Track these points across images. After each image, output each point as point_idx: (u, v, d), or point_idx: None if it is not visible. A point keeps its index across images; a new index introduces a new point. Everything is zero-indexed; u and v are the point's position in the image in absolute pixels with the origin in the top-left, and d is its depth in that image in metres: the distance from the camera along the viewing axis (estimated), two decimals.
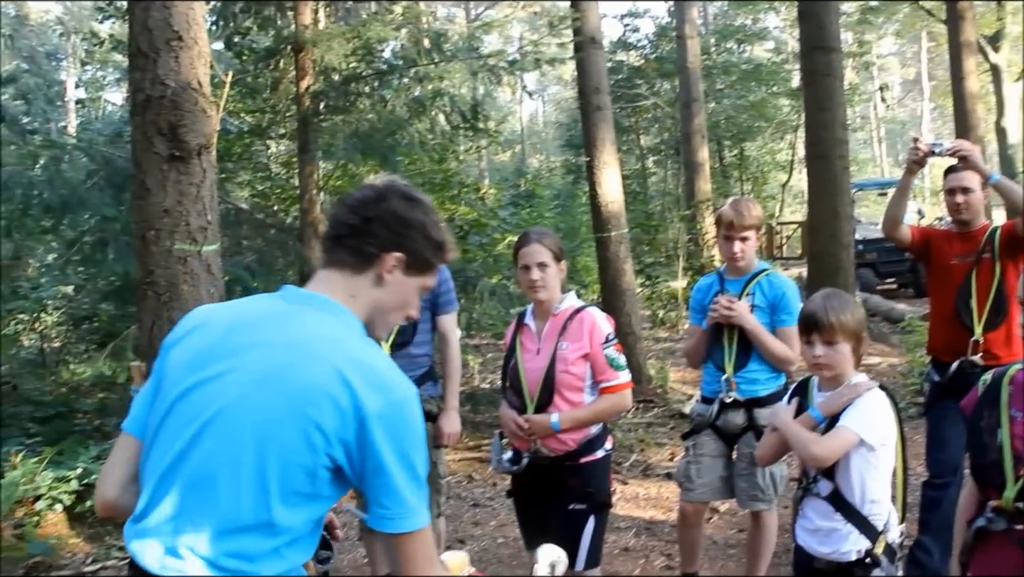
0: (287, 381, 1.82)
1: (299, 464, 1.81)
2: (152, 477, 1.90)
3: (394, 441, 1.82)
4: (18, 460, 6.60)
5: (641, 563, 5.39)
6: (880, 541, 2.96)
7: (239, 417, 1.83)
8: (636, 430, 7.92)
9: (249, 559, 1.80)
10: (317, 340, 1.88)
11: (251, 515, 1.80)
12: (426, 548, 1.90)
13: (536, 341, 3.70)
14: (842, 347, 2.96)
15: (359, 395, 1.80)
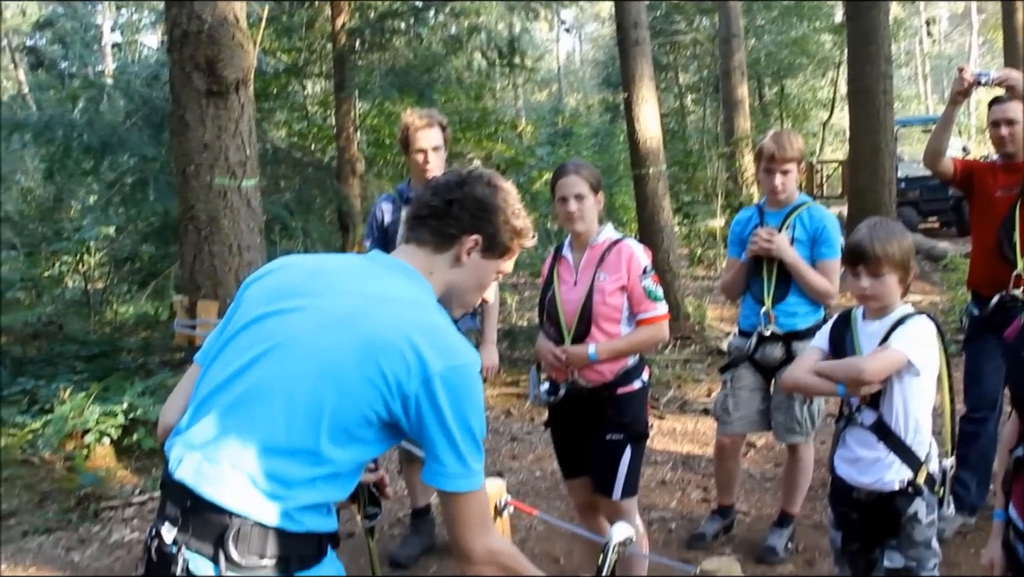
0: (361, 326, 1.87)
1: (356, 406, 1.84)
2: (203, 392, 1.94)
3: (455, 404, 1.86)
4: (66, 395, 6.75)
5: (678, 496, 5.43)
6: (922, 471, 2.95)
7: (306, 348, 1.87)
8: (673, 366, 7.93)
9: (286, 484, 1.83)
10: (395, 298, 1.95)
11: (298, 440, 1.83)
12: (481, 510, 1.94)
13: (573, 273, 3.69)
14: (888, 278, 2.93)
15: (426, 355, 1.84)
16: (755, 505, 5.22)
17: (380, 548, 4.71)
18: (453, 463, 1.88)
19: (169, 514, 1.87)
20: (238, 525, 1.80)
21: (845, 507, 3.10)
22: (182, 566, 1.81)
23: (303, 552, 1.86)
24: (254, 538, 1.80)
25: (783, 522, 4.64)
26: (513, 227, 2.10)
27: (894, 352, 2.88)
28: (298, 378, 1.85)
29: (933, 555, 2.99)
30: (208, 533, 1.81)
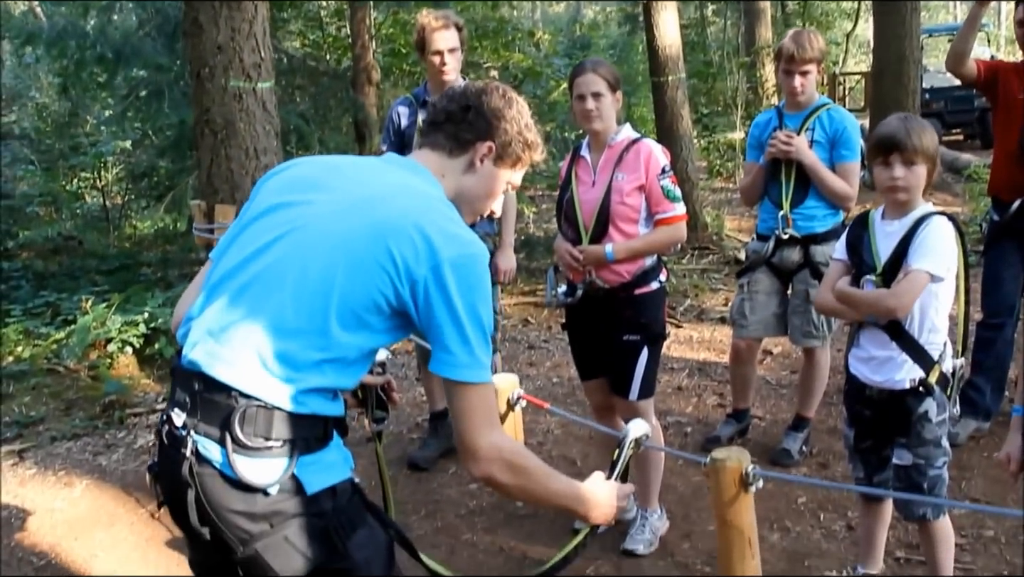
0: (373, 212, 1.89)
1: (366, 289, 1.85)
2: (215, 278, 1.96)
3: (464, 291, 1.86)
4: (88, 306, 6.84)
5: (694, 401, 5.48)
6: (934, 371, 2.96)
7: (319, 233, 1.89)
8: (691, 276, 7.92)
9: (294, 365, 1.84)
10: (408, 190, 1.98)
11: (307, 321, 1.84)
12: (487, 404, 1.93)
13: (591, 173, 3.67)
14: (919, 169, 2.89)
15: (435, 241, 1.85)
16: (770, 411, 5.26)
17: (400, 451, 4.78)
18: (461, 352, 1.88)
19: (179, 399, 1.90)
20: (244, 406, 1.82)
21: (858, 405, 3.12)
22: (191, 449, 1.84)
23: (308, 435, 1.87)
24: (260, 419, 1.82)
25: (798, 426, 4.68)
26: (525, 139, 2.14)
27: (917, 277, 2.85)
28: (309, 261, 1.87)
29: (942, 453, 3.02)
30: (215, 415, 1.84)
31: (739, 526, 2.10)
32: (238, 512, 1.83)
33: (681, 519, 4.05)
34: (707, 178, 12.47)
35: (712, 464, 2.10)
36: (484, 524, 4.11)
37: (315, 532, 1.85)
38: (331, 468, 1.91)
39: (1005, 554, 3.67)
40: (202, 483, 1.83)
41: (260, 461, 1.82)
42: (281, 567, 1.84)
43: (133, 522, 4.29)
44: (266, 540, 1.83)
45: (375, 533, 1.95)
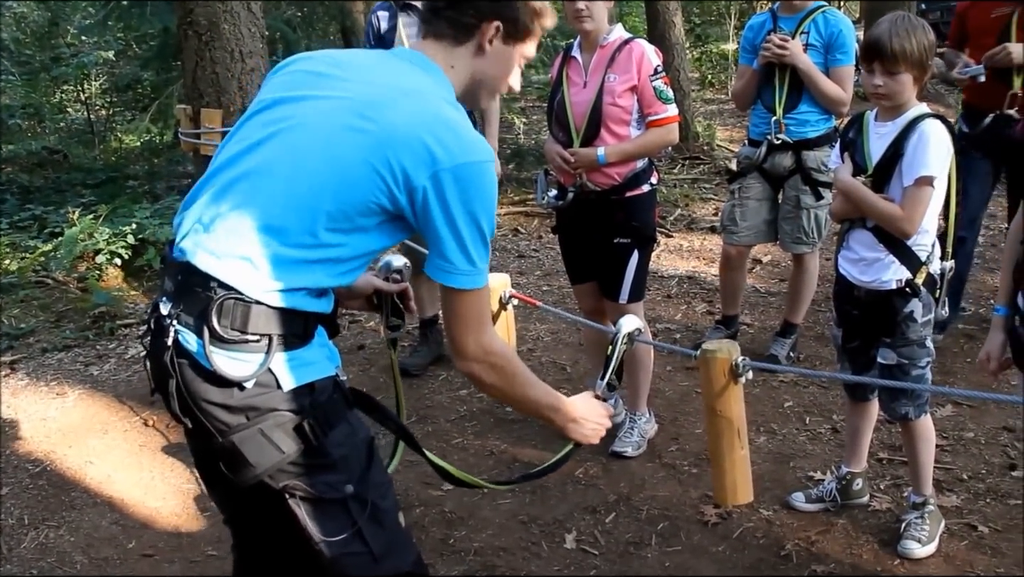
0: (373, 115, 1.84)
1: (359, 192, 1.82)
2: (211, 168, 1.94)
3: (465, 199, 1.83)
4: (75, 218, 6.79)
5: (683, 309, 5.51)
6: (921, 272, 2.97)
7: (316, 132, 1.85)
8: (681, 186, 7.89)
9: (278, 262, 1.82)
10: (413, 91, 1.90)
11: (296, 219, 1.82)
12: (480, 307, 1.93)
13: (583, 74, 3.61)
14: (903, 77, 2.84)
15: (436, 150, 1.81)
16: (759, 318, 5.29)
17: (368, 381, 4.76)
18: (459, 260, 1.87)
19: (166, 288, 1.91)
20: (222, 297, 1.81)
21: (847, 305, 3.14)
22: (172, 338, 1.84)
23: (287, 331, 1.86)
24: (237, 312, 1.81)
25: (786, 332, 4.71)
26: (533, 8, 2.03)
27: (922, 190, 2.84)
28: (304, 159, 1.84)
29: (926, 354, 3.04)
30: (194, 306, 1.83)
31: (728, 417, 2.12)
32: (215, 403, 1.84)
33: (669, 423, 4.10)
34: (699, 89, 12.32)
35: (702, 355, 2.12)
36: (474, 429, 4.16)
37: (290, 427, 1.85)
38: (310, 365, 1.89)
39: (984, 455, 3.74)
40: (181, 373, 1.85)
41: (236, 355, 1.82)
42: (256, 459, 1.86)
43: (126, 430, 4.33)
44: (242, 432, 1.84)
45: (355, 431, 1.95)
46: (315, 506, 1.91)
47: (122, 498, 3.76)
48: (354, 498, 1.91)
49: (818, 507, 3.40)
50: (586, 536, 3.35)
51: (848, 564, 3.11)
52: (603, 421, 2.21)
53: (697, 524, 3.38)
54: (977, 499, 3.44)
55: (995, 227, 6.55)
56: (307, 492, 1.90)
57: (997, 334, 2.67)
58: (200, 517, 3.60)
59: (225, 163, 1.92)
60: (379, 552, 1.95)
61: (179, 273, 1.87)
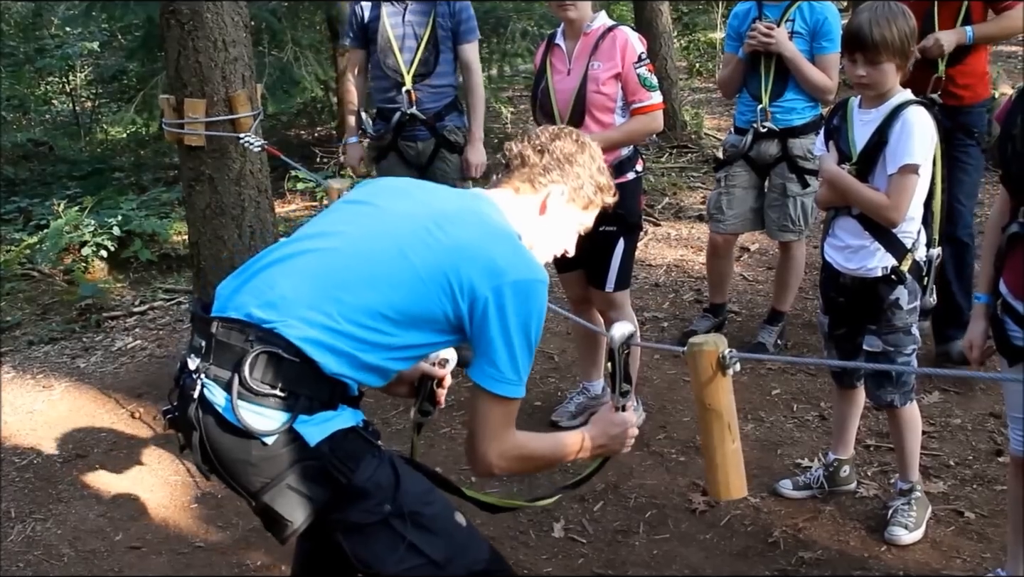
0: (445, 227, 1.99)
1: (428, 295, 1.94)
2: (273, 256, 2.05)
3: (521, 312, 1.95)
4: (61, 210, 6.76)
5: (671, 297, 5.50)
6: (907, 259, 2.97)
7: (392, 226, 2.02)
8: (669, 174, 7.88)
9: (331, 329, 1.91)
10: (476, 212, 2.08)
11: (360, 295, 1.93)
12: (509, 416, 2.03)
13: (567, 62, 3.60)
14: (885, 66, 2.85)
15: (500, 264, 1.95)
16: (746, 306, 5.30)
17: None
18: (507, 368, 1.97)
19: (195, 345, 1.97)
20: (259, 350, 1.88)
21: (833, 292, 3.15)
22: (198, 392, 1.91)
23: (313, 394, 1.91)
24: (271, 365, 1.88)
25: (773, 319, 4.71)
26: (598, 182, 2.25)
27: (907, 179, 2.85)
28: (377, 245, 1.98)
29: (912, 341, 3.05)
30: (228, 358, 1.90)
31: (717, 409, 2.11)
32: (238, 460, 1.90)
33: (657, 411, 4.11)
34: (687, 77, 12.28)
35: (690, 349, 2.11)
36: (462, 417, 4.15)
37: (315, 474, 1.90)
38: (331, 420, 1.94)
39: (971, 441, 3.75)
40: (205, 427, 1.91)
41: (261, 409, 1.88)
42: (291, 515, 1.92)
43: (113, 422, 4.31)
44: (271, 492, 1.90)
45: (380, 459, 1.99)
46: (360, 533, 1.97)
47: (109, 491, 3.75)
48: (395, 515, 1.97)
49: (805, 494, 3.42)
50: (574, 524, 3.35)
51: (835, 550, 3.12)
52: (627, 430, 2.27)
53: (685, 512, 3.39)
54: (964, 485, 3.46)
55: (981, 213, 6.55)
56: (348, 523, 1.96)
57: (979, 322, 2.68)
58: (188, 509, 3.59)
59: (294, 239, 2.07)
60: (440, 558, 2.01)
61: (217, 327, 1.93)
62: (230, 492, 2.14)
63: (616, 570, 3.11)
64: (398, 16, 4.23)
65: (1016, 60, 11.14)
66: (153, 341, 5.26)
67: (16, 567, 3.30)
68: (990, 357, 2.74)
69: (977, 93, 4.16)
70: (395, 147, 4.38)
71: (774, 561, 3.09)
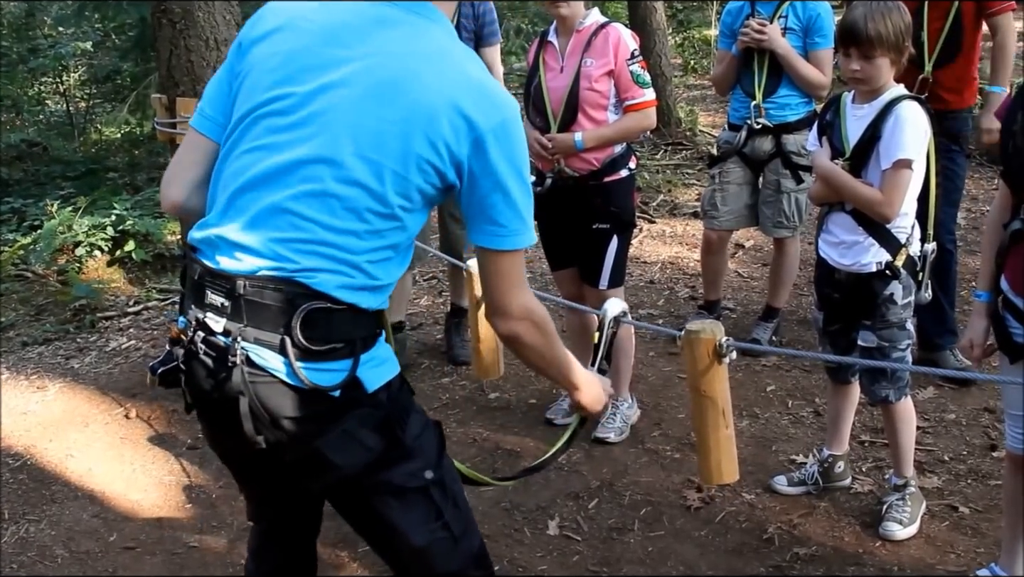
0: (400, 100, 1.74)
1: (415, 182, 1.76)
2: (237, 183, 1.80)
3: (508, 157, 1.78)
4: (55, 210, 6.74)
5: (665, 294, 5.50)
6: (901, 254, 2.97)
7: (348, 133, 1.74)
8: (664, 171, 7.88)
9: (353, 264, 1.76)
10: (426, 56, 1.80)
11: (358, 218, 1.75)
12: (522, 266, 1.90)
13: (559, 59, 3.60)
14: (880, 61, 2.86)
15: (472, 116, 1.74)
16: (741, 303, 5.30)
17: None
18: (510, 219, 1.81)
19: (213, 303, 1.77)
20: (305, 308, 1.72)
21: (827, 288, 3.14)
22: (241, 358, 1.73)
23: (366, 333, 1.82)
24: (321, 321, 1.74)
25: (768, 316, 4.72)
26: None
27: (900, 174, 2.85)
28: (345, 164, 1.73)
29: (906, 336, 3.05)
30: (271, 320, 1.73)
31: (712, 397, 2.12)
32: (299, 417, 1.77)
33: (652, 408, 4.11)
34: (682, 74, 12.29)
35: (686, 336, 2.11)
36: (457, 416, 4.15)
37: (375, 423, 1.82)
38: (385, 362, 1.86)
39: (966, 436, 3.76)
40: (257, 392, 1.75)
41: (324, 365, 1.75)
42: (343, 461, 1.81)
43: (107, 422, 4.30)
44: (327, 437, 1.79)
45: (425, 419, 1.93)
46: (399, 498, 1.88)
47: (103, 491, 3.73)
48: (435, 483, 1.89)
49: (800, 490, 3.41)
50: (569, 522, 3.35)
51: (830, 547, 3.12)
52: (608, 392, 2.17)
53: (680, 509, 3.39)
54: (958, 480, 3.46)
55: (976, 209, 6.57)
56: (391, 485, 1.87)
57: (980, 320, 2.67)
58: (182, 509, 3.58)
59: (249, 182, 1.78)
60: (459, 534, 1.95)
61: (238, 285, 1.75)
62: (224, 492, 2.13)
63: (611, 567, 3.11)
64: None
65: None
66: (147, 341, 5.24)
67: (10, 568, 3.29)
68: (990, 356, 2.73)
69: (964, 98, 4.14)
70: None
71: (769, 557, 3.08)
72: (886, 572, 2.99)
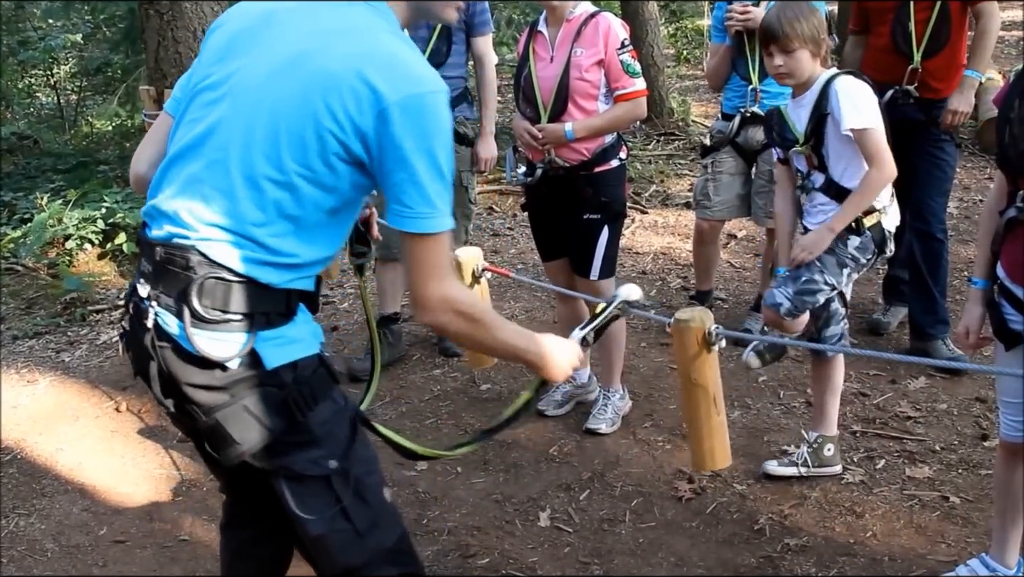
0: (305, 68, 1.76)
1: (315, 152, 1.76)
2: (172, 152, 1.89)
3: (417, 135, 1.73)
4: (44, 203, 6.70)
5: (658, 285, 5.50)
6: (872, 216, 3.08)
7: (255, 103, 1.79)
8: (656, 162, 7.87)
9: (252, 236, 1.79)
10: (345, 30, 1.81)
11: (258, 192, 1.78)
12: (441, 254, 1.82)
13: (549, 49, 3.58)
14: (799, 54, 3.04)
15: (378, 85, 1.72)
16: (733, 293, 5.29)
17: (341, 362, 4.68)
18: (416, 201, 1.76)
19: (143, 269, 1.87)
20: (202, 277, 1.77)
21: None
22: (152, 321, 1.81)
23: (269, 309, 1.82)
24: (218, 292, 1.78)
25: (760, 307, 4.70)
26: None
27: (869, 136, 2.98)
28: (251, 136, 1.78)
29: (835, 276, 3.11)
30: (174, 286, 1.79)
31: (703, 384, 2.11)
32: (198, 385, 1.81)
33: (643, 399, 4.10)
34: (674, 65, 12.27)
35: (675, 324, 2.10)
36: (448, 408, 4.14)
37: (274, 403, 1.82)
38: (294, 343, 1.86)
39: (957, 425, 3.76)
40: (163, 356, 1.81)
41: (218, 335, 1.78)
42: (241, 436, 1.82)
43: (98, 416, 4.28)
44: (226, 410, 1.81)
45: (340, 407, 1.91)
46: (299, 484, 1.89)
47: (93, 485, 3.72)
48: (338, 474, 1.88)
49: (791, 471, 3.43)
50: (560, 513, 3.34)
51: (821, 537, 3.12)
52: (572, 360, 2.10)
53: (671, 500, 3.38)
54: (949, 470, 3.46)
55: (968, 199, 6.58)
56: (290, 471, 1.87)
57: (975, 307, 2.66)
58: (172, 502, 3.57)
59: (181, 151, 1.86)
60: (363, 528, 1.92)
61: (156, 252, 1.83)
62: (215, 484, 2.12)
63: (602, 559, 3.10)
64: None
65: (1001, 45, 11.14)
66: None
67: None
68: (987, 345, 2.73)
69: (953, 86, 4.13)
70: None
71: (760, 548, 3.08)
72: (876, 562, 2.99)
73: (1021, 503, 2.68)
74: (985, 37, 4.09)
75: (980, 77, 4.16)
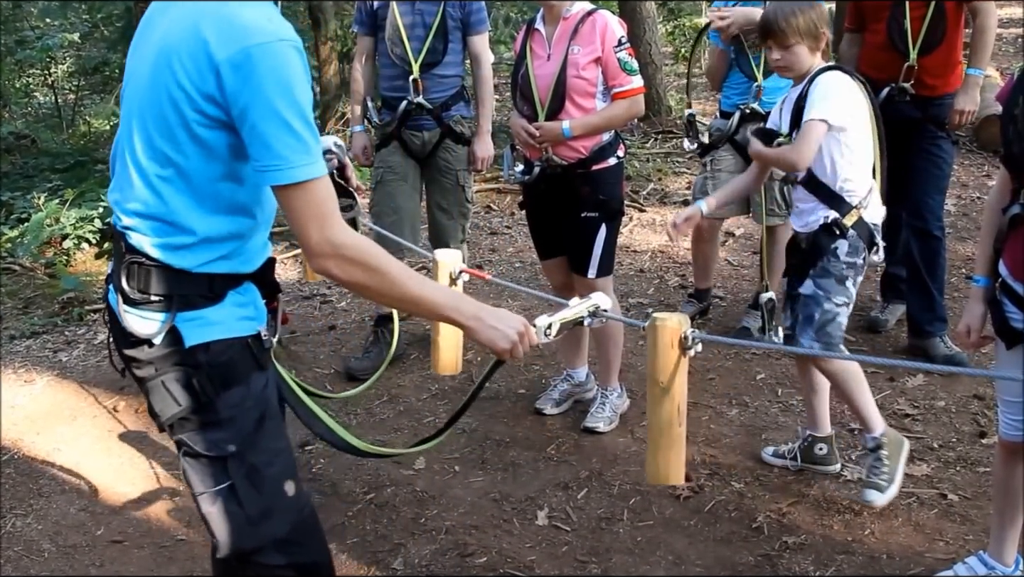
0: (159, 46, 1.85)
1: (180, 126, 1.83)
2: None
3: (255, 89, 1.73)
4: (42, 203, 6.70)
5: (656, 283, 5.49)
6: (852, 215, 3.09)
7: (134, 91, 1.93)
8: (654, 160, 7.86)
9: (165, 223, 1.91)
10: (203, 6, 1.82)
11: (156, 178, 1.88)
12: (320, 199, 1.81)
13: (546, 47, 3.57)
14: (797, 48, 3.10)
15: (210, 44, 1.75)
16: (731, 291, 5.29)
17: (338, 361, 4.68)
18: (265, 156, 1.76)
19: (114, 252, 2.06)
20: (128, 261, 1.92)
21: (793, 257, 3.27)
22: (105, 297, 2.05)
23: (189, 291, 1.92)
24: (140, 275, 1.91)
25: (758, 304, 4.69)
26: None
27: (810, 126, 3.04)
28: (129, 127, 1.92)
29: (843, 293, 3.11)
30: (115, 268, 1.98)
31: (671, 390, 2.06)
32: (132, 359, 1.96)
33: (641, 398, 4.08)
34: (672, 63, 12.25)
35: (651, 324, 2.05)
36: (446, 407, 4.14)
37: (185, 382, 1.93)
38: (211, 325, 1.94)
39: (955, 423, 3.76)
40: (112, 327, 2.02)
41: (143, 313, 1.92)
42: (160, 408, 1.96)
43: (95, 416, 4.28)
44: (151, 383, 1.95)
45: (252, 394, 1.97)
46: (197, 460, 1.98)
47: (91, 485, 3.72)
48: (235, 457, 1.96)
49: (780, 462, 3.49)
50: (558, 512, 3.34)
51: (819, 535, 3.12)
52: (516, 332, 2.00)
53: (669, 498, 3.38)
54: (947, 467, 3.46)
55: (966, 196, 6.57)
56: (191, 448, 1.97)
57: (977, 305, 2.66)
58: (169, 502, 3.56)
59: (114, 155, 2.05)
60: (254, 515, 1.99)
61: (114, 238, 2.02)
62: None
63: (600, 557, 3.10)
64: (408, 4, 4.19)
65: (999, 42, 11.13)
66: None
67: None
68: (988, 343, 2.72)
69: (949, 83, 4.14)
70: (399, 136, 4.34)
71: (758, 546, 3.08)
72: (874, 560, 2.98)
73: (1020, 501, 2.68)
74: (984, 34, 4.08)
75: (982, 75, 4.16)
